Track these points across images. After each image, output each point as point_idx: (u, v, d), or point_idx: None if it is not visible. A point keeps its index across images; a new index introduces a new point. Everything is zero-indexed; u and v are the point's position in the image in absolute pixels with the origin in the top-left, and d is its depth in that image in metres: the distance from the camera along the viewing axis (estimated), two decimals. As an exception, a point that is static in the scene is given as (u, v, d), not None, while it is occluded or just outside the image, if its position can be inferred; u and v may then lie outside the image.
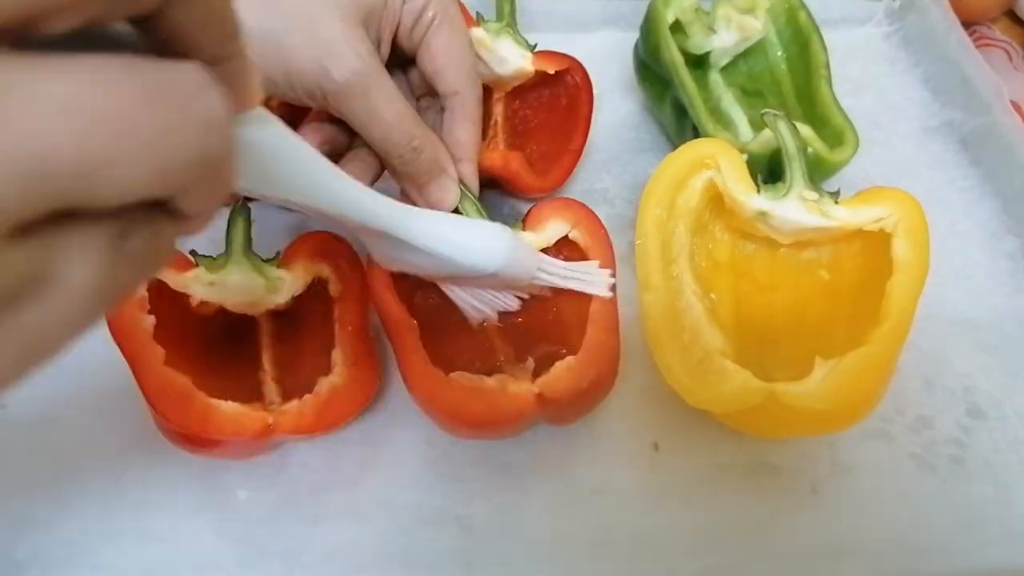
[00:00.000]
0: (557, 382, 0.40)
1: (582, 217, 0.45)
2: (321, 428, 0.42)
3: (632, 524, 0.44)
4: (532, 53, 0.55)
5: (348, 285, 0.45)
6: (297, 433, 0.41)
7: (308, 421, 0.41)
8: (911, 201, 0.44)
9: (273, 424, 0.41)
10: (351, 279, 0.45)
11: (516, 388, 0.40)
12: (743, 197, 0.46)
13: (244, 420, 0.40)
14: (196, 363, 0.42)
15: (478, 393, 0.40)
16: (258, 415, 0.40)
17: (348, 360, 0.43)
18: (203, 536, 0.43)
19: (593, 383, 0.41)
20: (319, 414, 0.42)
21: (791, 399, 0.39)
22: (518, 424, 0.41)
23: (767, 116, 0.48)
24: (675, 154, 0.46)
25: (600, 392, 0.43)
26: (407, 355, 0.41)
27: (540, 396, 0.40)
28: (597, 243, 0.44)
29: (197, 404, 0.39)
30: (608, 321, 0.42)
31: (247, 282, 0.44)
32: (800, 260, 0.48)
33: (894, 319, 0.41)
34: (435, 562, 0.42)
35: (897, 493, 0.45)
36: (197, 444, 0.41)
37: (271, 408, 0.42)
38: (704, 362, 0.41)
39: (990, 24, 0.75)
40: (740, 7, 0.58)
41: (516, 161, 0.53)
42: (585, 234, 0.45)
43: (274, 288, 0.44)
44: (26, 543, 0.42)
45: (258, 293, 0.44)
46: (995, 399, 0.48)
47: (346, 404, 0.43)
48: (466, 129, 0.45)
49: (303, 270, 0.45)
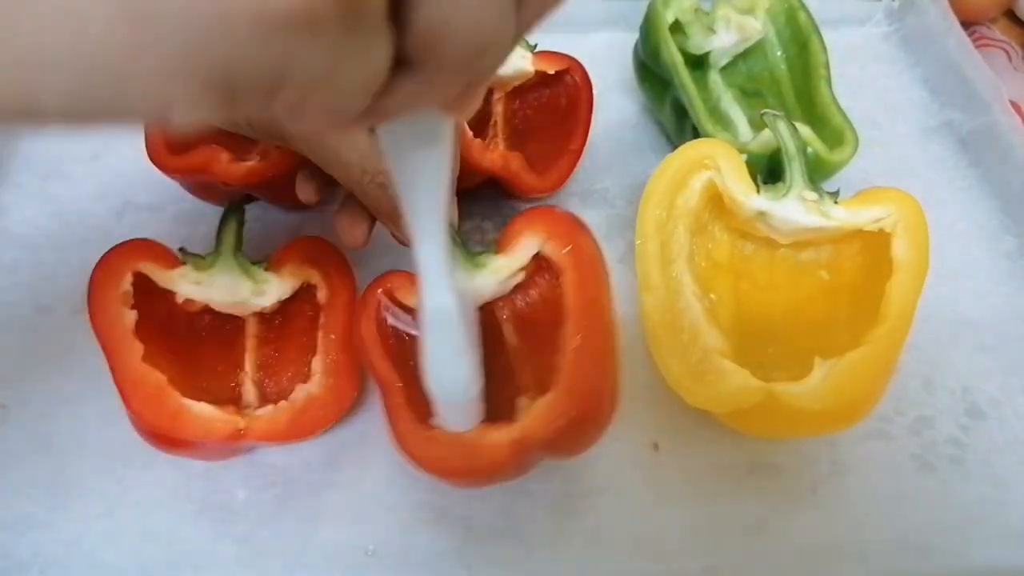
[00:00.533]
0: (535, 423, 0.37)
1: (554, 228, 0.41)
2: (293, 436, 0.41)
3: (632, 524, 0.44)
4: (532, 53, 0.55)
5: (336, 293, 0.44)
6: (268, 439, 0.41)
7: (280, 428, 0.41)
8: (910, 201, 0.44)
9: (244, 429, 0.40)
10: (340, 287, 0.45)
11: (493, 438, 0.37)
12: (743, 197, 0.46)
13: (215, 423, 0.40)
14: (176, 361, 0.42)
15: (457, 447, 0.38)
16: (230, 419, 0.40)
17: (328, 369, 0.43)
18: (203, 536, 0.43)
19: (582, 414, 0.37)
20: (292, 422, 0.41)
21: (790, 399, 0.39)
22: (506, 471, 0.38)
23: (766, 116, 0.48)
24: (674, 155, 0.46)
25: (597, 419, 0.39)
26: (393, 412, 0.39)
27: (522, 440, 0.37)
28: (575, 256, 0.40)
29: (170, 403, 0.39)
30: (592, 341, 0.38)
31: (233, 283, 0.44)
32: (799, 260, 0.48)
33: (893, 319, 0.41)
34: (435, 562, 0.42)
35: (897, 493, 0.45)
36: (168, 443, 0.40)
37: (246, 412, 0.42)
38: (703, 362, 0.41)
39: (990, 24, 0.75)
40: (739, 7, 0.58)
41: (516, 162, 0.53)
42: (558, 248, 0.40)
43: (260, 291, 0.44)
44: (26, 543, 0.42)
45: (244, 294, 0.44)
46: (995, 399, 0.48)
47: (320, 414, 0.42)
48: None
49: (291, 274, 0.45)
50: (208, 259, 0.44)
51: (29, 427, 0.46)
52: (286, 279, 0.45)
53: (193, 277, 0.44)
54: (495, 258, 0.42)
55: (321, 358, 0.43)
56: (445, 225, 0.33)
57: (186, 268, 0.44)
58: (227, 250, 0.44)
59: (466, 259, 0.42)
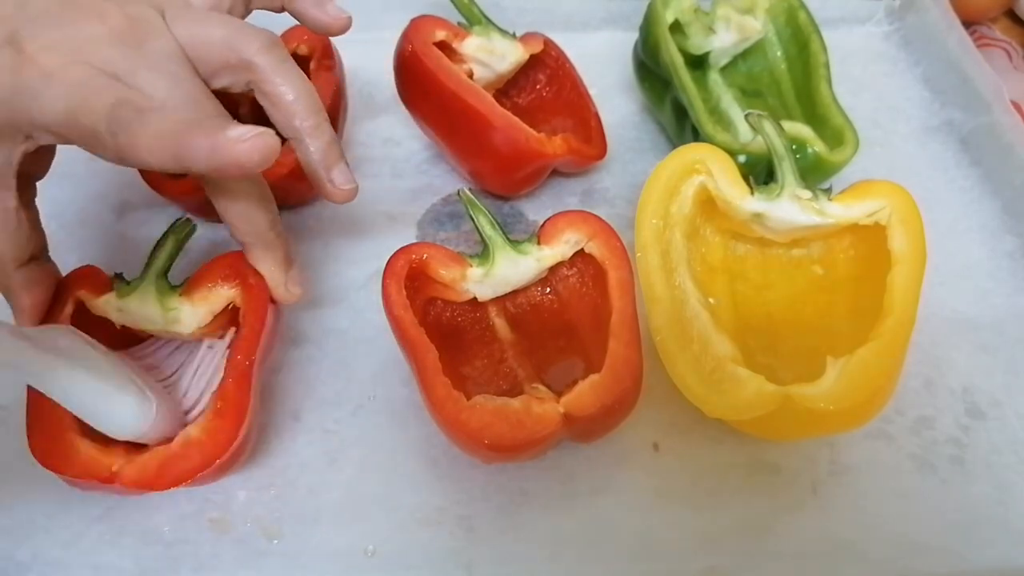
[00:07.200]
0: (582, 400, 0.39)
1: (599, 230, 0.44)
2: (160, 486, 0.38)
3: (632, 524, 0.44)
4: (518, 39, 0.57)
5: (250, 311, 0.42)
6: (136, 487, 0.38)
7: (148, 476, 0.38)
8: (901, 192, 0.44)
9: (117, 472, 0.38)
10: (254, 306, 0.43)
11: (541, 409, 0.39)
12: (738, 200, 0.46)
13: (93, 464, 0.38)
14: None
15: (502, 416, 0.39)
16: (106, 461, 0.38)
17: (214, 406, 0.40)
18: (203, 536, 0.43)
19: (618, 399, 0.40)
20: (161, 469, 0.38)
21: (807, 401, 0.39)
22: (544, 445, 0.40)
23: (751, 117, 0.48)
24: (665, 162, 0.46)
25: (625, 408, 0.42)
26: (427, 379, 0.40)
27: (567, 416, 0.39)
28: (614, 256, 0.43)
29: (64, 439, 0.38)
30: (631, 334, 0.41)
31: (145, 312, 0.42)
32: (792, 257, 0.49)
33: (898, 312, 0.41)
34: (435, 562, 0.42)
35: (897, 493, 0.45)
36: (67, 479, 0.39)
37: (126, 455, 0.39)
38: (717, 371, 0.41)
39: (990, 24, 0.75)
40: (739, 7, 0.58)
41: (572, 139, 0.54)
42: (602, 247, 0.44)
43: (174, 319, 0.43)
44: (27, 544, 0.42)
45: (159, 323, 0.43)
46: (995, 399, 0.48)
47: (193, 461, 0.38)
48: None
49: (203, 299, 0.43)
50: (132, 284, 0.43)
51: (29, 427, 0.46)
52: (198, 304, 0.43)
53: (116, 303, 0.43)
54: (539, 248, 0.45)
55: (219, 391, 0.40)
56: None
57: (111, 294, 0.43)
58: (152, 274, 0.43)
59: (506, 244, 0.45)
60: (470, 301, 0.46)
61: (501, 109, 0.51)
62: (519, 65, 0.57)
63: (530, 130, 0.51)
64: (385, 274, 0.42)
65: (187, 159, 0.34)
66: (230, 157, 0.34)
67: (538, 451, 0.41)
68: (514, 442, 0.39)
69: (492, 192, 0.58)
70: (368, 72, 0.62)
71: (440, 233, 0.56)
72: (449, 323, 0.47)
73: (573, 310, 0.47)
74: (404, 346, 0.41)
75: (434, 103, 0.53)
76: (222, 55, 0.38)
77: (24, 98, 0.34)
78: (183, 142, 0.34)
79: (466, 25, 0.55)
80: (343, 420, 0.47)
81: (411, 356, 0.41)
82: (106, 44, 0.36)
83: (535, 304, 0.48)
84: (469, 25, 0.55)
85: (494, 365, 0.46)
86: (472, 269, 0.45)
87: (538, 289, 0.48)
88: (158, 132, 0.34)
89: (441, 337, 0.43)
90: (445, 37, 0.53)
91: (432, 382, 0.39)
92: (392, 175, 0.59)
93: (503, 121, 0.51)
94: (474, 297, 0.46)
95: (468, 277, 0.45)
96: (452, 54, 0.53)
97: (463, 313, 0.47)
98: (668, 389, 0.42)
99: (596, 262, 0.44)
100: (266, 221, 0.41)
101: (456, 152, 0.56)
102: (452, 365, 0.42)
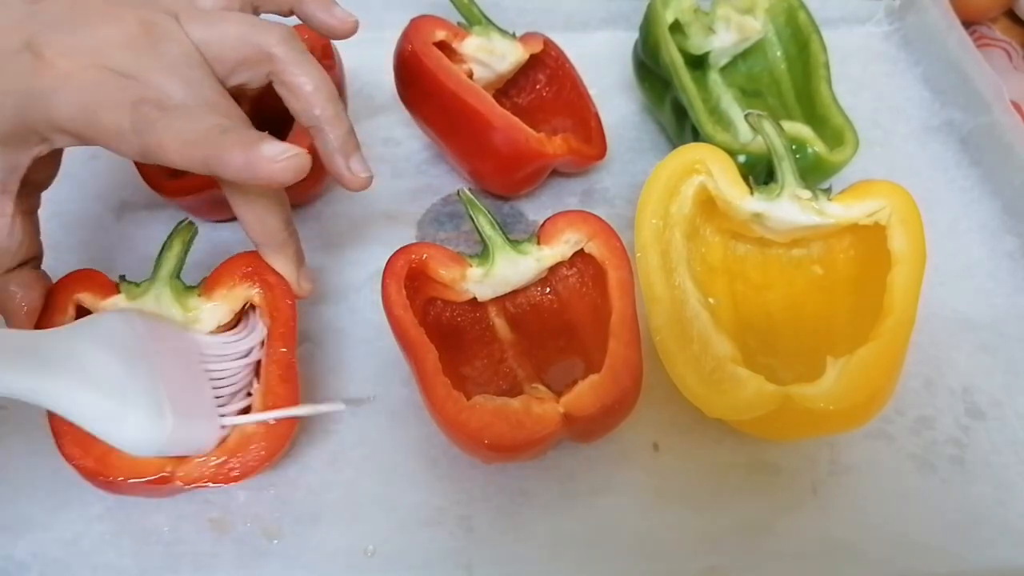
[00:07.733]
0: (582, 400, 0.39)
1: (599, 230, 0.44)
2: (222, 480, 0.39)
3: (632, 524, 0.44)
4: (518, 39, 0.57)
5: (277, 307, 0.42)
6: (196, 483, 0.39)
7: (209, 472, 0.39)
8: (901, 191, 0.44)
9: (171, 472, 0.39)
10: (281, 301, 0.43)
11: (541, 409, 0.39)
12: (738, 201, 0.46)
13: (141, 463, 0.38)
14: None
15: (502, 416, 0.39)
16: (156, 461, 0.38)
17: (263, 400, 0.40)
18: (203, 536, 0.43)
19: (618, 400, 0.40)
20: (221, 465, 0.39)
21: (807, 401, 0.39)
22: (544, 445, 0.40)
23: (750, 117, 0.48)
24: (665, 162, 0.46)
25: (625, 408, 0.42)
26: (427, 379, 0.40)
27: (566, 416, 0.39)
28: (613, 256, 0.44)
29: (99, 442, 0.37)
30: (631, 334, 0.41)
31: (164, 313, 0.42)
32: (792, 257, 0.49)
33: (898, 311, 0.41)
34: (435, 562, 0.42)
35: (897, 493, 0.45)
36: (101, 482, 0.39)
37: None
38: (717, 371, 0.41)
39: (990, 24, 0.75)
40: (739, 7, 0.58)
41: (572, 139, 0.54)
42: (602, 247, 0.44)
43: (195, 318, 0.42)
44: (26, 543, 0.42)
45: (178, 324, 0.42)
46: (995, 399, 0.48)
47: (255, 455, 0.39)
48: None
49: (224, 298, 0.43)
50: (143, 286, 0.42)
51: (29, 428, 0.46)
52: (220, 303, 0.43)
53: (125, 306, 0.42)
54: (539, 248, 0.45)
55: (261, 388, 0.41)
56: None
57: (119, 297, 0.42)
58: (163, 276, 0.42)
59: (506, 244, 0.45)
60: (470, 301, 0.46)
61: (501, 109, 0.51)
62: (519, 65, 0.57)
63: (530, 130, 0.51)
64: (385, 274, 0.42)
65: (218, 168, 0.35)
66: (264, 174, 0.34)
67: (538, 451, 0.41)
68: (514, 442, 0.39)
69: (492, 192, 0.58)
70: (368, 72, 0.62)
71: (440, 233, 0.56)
72: (449, 323, 0.47)
73: (573, 310, 0.47)
74: (404, 346, 0.41)
75: (434, 103, 0.53)
76: (240, 51, 0.39)
77: (41, 100, 0.35)
78: (216, 153, 0.34)
79: (466, 25, 0.55)
80: (343, 420, 0.47)
81: (411, 356, 0.41)
82: (122, 48, 0.36)
83: (535, 304, 0.48)
84: (469, 25, 0.55)
85: (494, 365, 0.46)
86: (472, 269, 0.45)
87: (538, 289, 0.48)
88: (189, 137, 0.34)
89: (441, 337, 0.43)
90: (445, 37, 0.53)
91: (432, 382, 0.39)
92: (392, 175, 0.59)
93: (503, 121, 0.51)
94: (474, 297, 0.46)
95: (468, 277, 0.45)
96: (452, 54, 0.53)
97: (463, 313, 0.47)
98: (668, 389, 0.42)
99: (596, 262, 0.44)
100: (281, 221, 0.42)
101: (456, 152, 0.56)
102: (452, 365, 0.42)
